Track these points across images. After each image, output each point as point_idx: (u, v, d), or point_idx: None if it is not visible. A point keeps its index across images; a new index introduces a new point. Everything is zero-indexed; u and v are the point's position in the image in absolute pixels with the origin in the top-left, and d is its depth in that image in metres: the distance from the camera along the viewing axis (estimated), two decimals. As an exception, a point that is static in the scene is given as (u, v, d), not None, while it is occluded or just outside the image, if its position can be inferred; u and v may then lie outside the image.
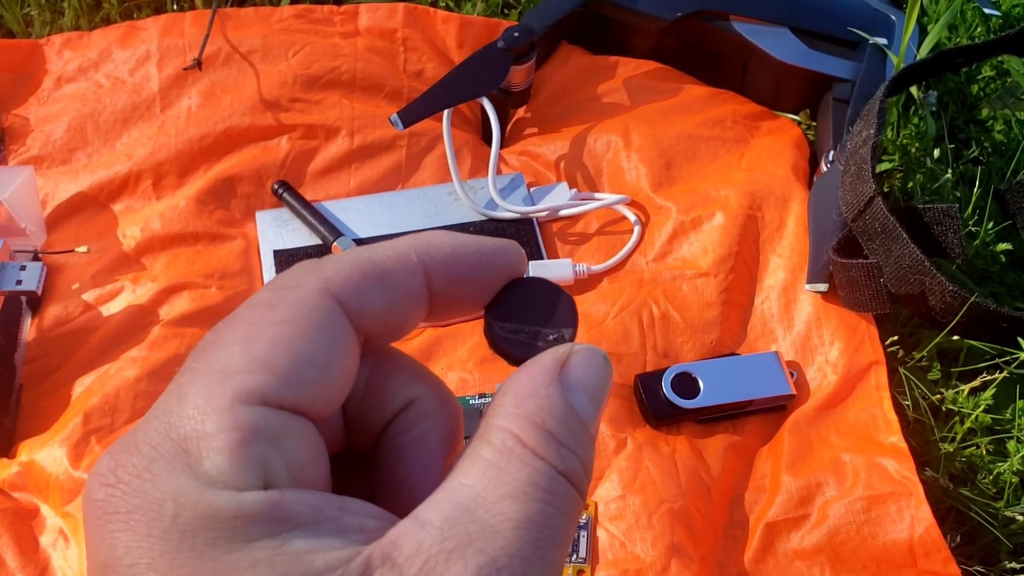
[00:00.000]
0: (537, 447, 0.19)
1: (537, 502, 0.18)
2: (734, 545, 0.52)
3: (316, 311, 0.19)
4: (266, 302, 0.19)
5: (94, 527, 0.17)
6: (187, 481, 0.17)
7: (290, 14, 0.72)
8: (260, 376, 0.18)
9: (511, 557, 0.17)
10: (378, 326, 0.20)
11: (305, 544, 0.17)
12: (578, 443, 0.19)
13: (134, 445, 0.18)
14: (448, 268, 0.21)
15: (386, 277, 0.20)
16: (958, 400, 0.57)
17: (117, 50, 0.69)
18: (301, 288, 0.19)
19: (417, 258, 0.21)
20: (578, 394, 0.20)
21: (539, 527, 0.18)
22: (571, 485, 0.19)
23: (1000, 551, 0.53)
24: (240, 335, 0.18)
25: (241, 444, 0.17)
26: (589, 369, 0.21)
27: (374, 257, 0.20)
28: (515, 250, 0.22)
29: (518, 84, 0.67)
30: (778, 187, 0.64)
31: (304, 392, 0.18)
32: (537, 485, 0.18)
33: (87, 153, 0.66)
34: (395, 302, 0.20)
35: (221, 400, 0.17)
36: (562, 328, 0.22)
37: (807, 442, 0.55)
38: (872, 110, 0.59)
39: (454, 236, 0.22)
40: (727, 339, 0.59)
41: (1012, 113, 0.71)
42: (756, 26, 0.69)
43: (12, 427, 0.55)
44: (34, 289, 0.57)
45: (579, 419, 0.20)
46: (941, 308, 0.54)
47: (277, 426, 0.18)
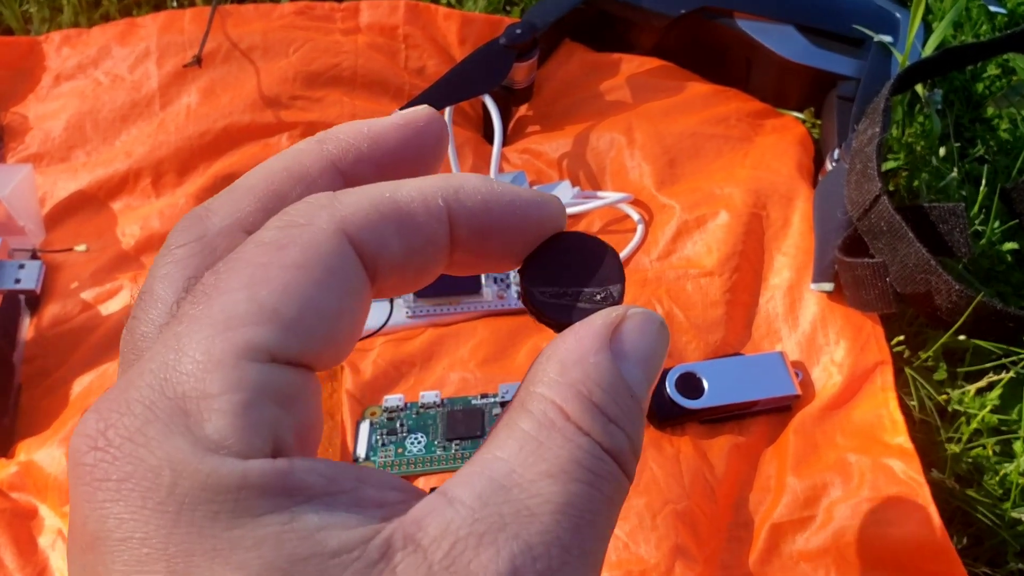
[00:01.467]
0: (582, 421, 0.17)
1: (579, 483, 0.16)
2: (739, 546, 0.52)
3: (330, 255, 0.17)
4: (274, 242, 0.17)
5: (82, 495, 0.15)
6: (186, 446, 0.15)
7: (291, 11, 0.72)
8: (268, 328, 0.16)
9: (549, 545, 0.16)
10: (394, 274, 0.18)
11: (317, 520, 0.15)
12: (627, 419, 0.18)
13: (125, 403, 0.16)
14: (477, 217, 0.19)
15: (407, 221, 0.18)
16: (964, 400, 0.56)
17: (116, 47, 0.69)
18: (313, 227, 0.17)
19: (444, 202, 0.18)
20: (630, 364, 0.18)
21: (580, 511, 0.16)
22: (617, 466, 0.17)
23: (1007, 552, 0.53)
24: (246, 279, 0.16)
25: (248, 406, 0.15)
26: (644, 336, 0.18)
27: (396, 197, 0.18)
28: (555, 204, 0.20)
29: (520, 81, 0.67)
30: (783, 185, 0.64)
31: (314, 345, 0.16)
32: (580, 464, 0.17)
33: (86, 151, 0.66)
34: (415, 249, 0.18)
35: (225, 355, 0.15)
36: (609, 286, 0.20)
37: (812, 443, 0.54)
38: (877, 108, 0.58)
39: (488, 182, 0.19)
40: (732, 339, 0.58)
41: (1018, 111, 0.71)
42: (760, 23, 0.68)
43: (11, 427, 0.54)
44: (33, 288, 0.57)
45: (630, 392, 0.18)
46: (947, 308, 0.54)
47: (286, 384, 0.16)
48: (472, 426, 0.53)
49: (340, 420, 0.53)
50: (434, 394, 0.54)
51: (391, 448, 0.52)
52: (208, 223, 0.19)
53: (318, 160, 0.20)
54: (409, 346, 0.57)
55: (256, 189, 0.19)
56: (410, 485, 0.17)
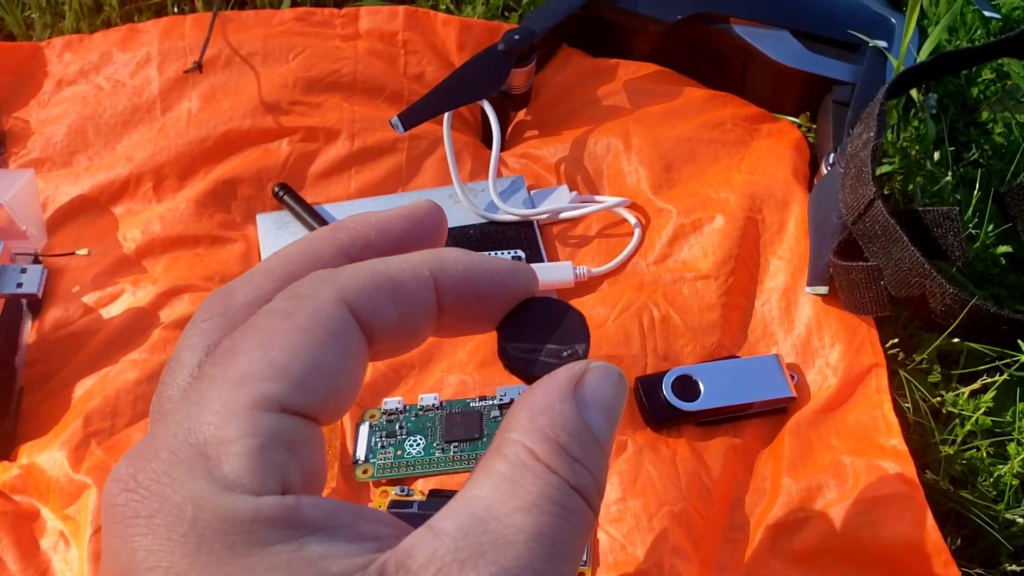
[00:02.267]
0: (551, 461, 0.19)
1: (550, 515, 0.18)
2: (734, 548, 0.52)
3: (332, 320, 0.19)
4: (283, 311, 0.19)
5: (114, 531, 0.17)
6: (206, 485, 0.17)
7: (291, 17, 0.72)
8: (278, 383, 0.18)
9: (523, 569, 0.18)
10: (389, 337, 0.20)
11: (321, 549, 0.17)
12: (591, 459, 0.20)
13: (153, 450, 0.18)
14: (459, 285, 0.21)
15: (399, 290, 0.20)
16: (958, 402, 0.57)
17: (118, 53, 0.69)
18: (317, 297, 0.19)
19: (430, 273, 0.21)
20: (592, 411, 0.20)
21: (551, 540, 0.18)
22: (583, 501, 0.19)
23: (1000, 554, 0.53)
24: (258, 342, 0.18)
25: (260, 450, 0.17)
26: (604, 386, 0.21)
27: (389, 270, 0.20)
28: (527, 272, 0.23)
29: (518, 87, 0.67)
30: (778, 190, 0.64)
31: (318, 399, 0.19)
32: (550, 499, 0.19)
33: (88, 156, 0.66)
34: (407, 315, 0.21)
35: (240, 406, 0.18)
36: (575, 344, 0.23)
37: (808, 445, 0.55)
38: (872, 113, 0.59)
39: (467, 254, 0.22)
40: (727, 342, 0.59)
41: (1012, 116, 0.71)
42: (756, 28, 0.69)
43: (12, 430, 0.55)
44: (34, 292, 0.57)
45: (592, 435, 0.20)
46: (941, 311, 0.54)
47: (294, 432, 0.18)
48: (471, 428, 0.53)
49: (339, 423, 0.54)
50: (433, 397, 0.55)
51: (390, 450, 0.53)
52: (231, 300, 0.21)
53: (330, 246, 0.22)
54: (408, 349, 0.57)
55: (274, 272, 0.22)
56: (401, 522, 0.19)
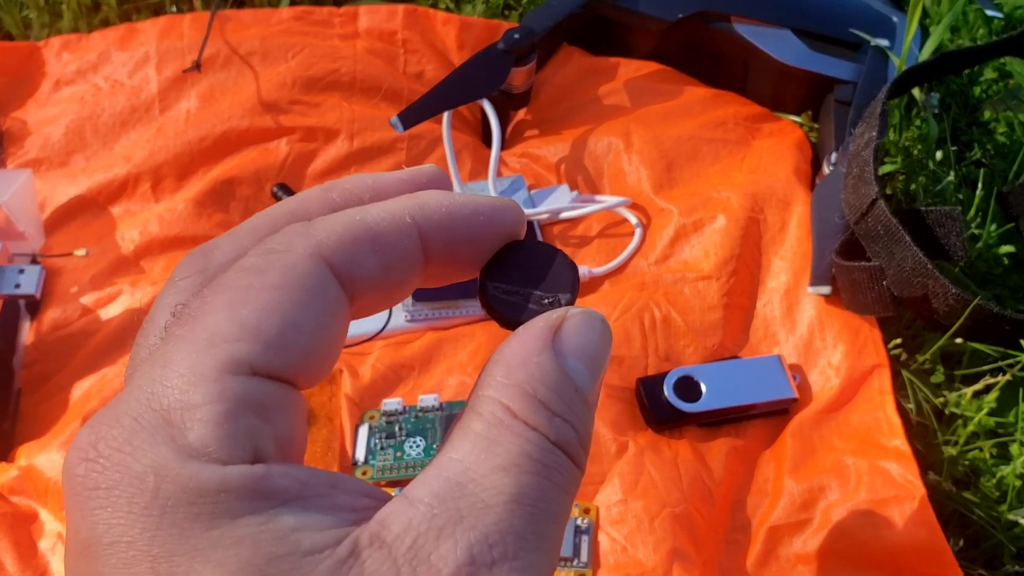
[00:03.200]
0: (529, 417, 0.18)
1: (530, 474, 0.17)
2: (736, 549, 0.52)
3: (307, 276, 0.18)
4: (254, 267, 0.18)
5: (74, 504, 0.16)
6: (169, 454, 0.16)
7: (289, 16, 0.72)
8: (249, 344, 0.17)
9: (504, 533, 0.17)
10: (371, 290, 0.19)
11: (293, 521, 0.16)
12: (573, 412, 0.19)
13: (114, 417, 0.17)
14: (444, 229, 0.20)
15: (379, 239, 0.19)
16: (961, 403, 0.56)
17: (116, 52, 0.69)
18: (291, 252, 0.18)
19: (411, 219, 0.20)
20: (573, 360, 0.19)
21: (533, 500, 0.17)
22: (566, 456, 0.18)
23: (1003, 554, 0.53)
24: (227, 300, 0.17)
25: (228, 416, 0.16)
26: (585, 333, 0.20)
27: (366, 219, 0.19)
28: (513, 209, 0.21)
29: (519, 86, 0.67)
30: (780, 189, 0.64)
31: (293, 360, 0.17)
32: (530, 456, 0.18)
33: (85, 156, 0.66)
34: (389, 265, 0.19)
35: (207, 369, 0.16)
36: (558, 292, 0.21)
37: (810, 446, 0.54)
38: (874, 112, 0.58)
39: (449, 196, 0.21)
40: (729, 342, 0.59)
41: (1015, 115, 0.71)
42: (757, 27, 0.69)
43: (11, 431, 0.54)
44: (32, 292, 0.57)
45: (574, 386, 0.19)
46: (944, 311, 0.54)
47: (266, 397, 0.17)
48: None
49: (339, 424, 0.54)
50: (433, 398, 0.54)
51: (390, 452, 0.53)
52: (211, 257, 0.20)
53: (321, 206, 0.21)
54: (408, 350, 0.57)
55: (259, 229, 0.20)
56: (382, 492, 0.18)
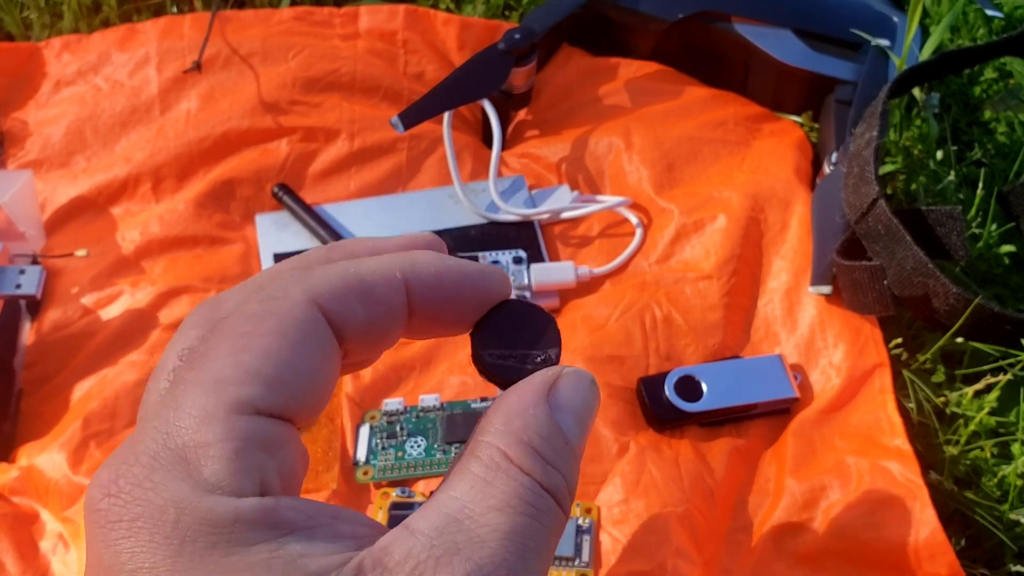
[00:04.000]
0: (523, 463, 0.20)
1: (522, 515, 0.19)
2: (738, 549, 0.52)
3: (302, 322, 0.20)
4: (255, 314, 0.20)
5: (96, 535, 0.18)
6: (187, 488, 0.17)
7: (290, 16, 0.72)
8: (252, 386, 0.18)
9: (497, 566, 0.18)
10: (359, 338, 0.21)
11: (300, 548, 0.17)
12: (563, 462, 0.20)
13: (133, 455, 0.18)
14: (431, 288, 0.22)
15: (369, 291, 0.21)
16: (962, 403, 0.56)
17: (116, 53, 0.69)
18: (288, 299, 0.20)
19: (401, 275, 0.21)
20: (565, 414, 0.21)
21: (523, 538, 0.19)
22: (555, 501, 0.20)
23: (1005, 554, 0.53)
24: (231, 346, 0.19)
25: (238, 452, 0.18)
26: (576, 391, 0.21)
27: (360, 271, 0.21)
28: (498, 277, 0.23)
29: (519, 86, 0.67)
30: (781, 189, 0.64)
31: (292, 400, 0.19)
32: (523, 499, 0.19)
33: (86, 156, 0.66)
34: (377, 316, 0.21)
35: (216, 410, 0.18)
36: (548, 349, 0.23)
37: (811, 445, 0.54)
38: (875, 112, 0.58)
39: (440, 258, 0.22)
40: (730, 342, 0.59)
41: (1015, 115, 0.71)
42: (758, 27, 0.69)
43: (11, 432, 0.54)
44: (33, 293, 0.57)
45: (564, 438, 0.21)
46: (945, 310, 0.54)
47: (270, 434, 0.19)
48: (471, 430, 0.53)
49: (340, 424, 0.54)
50: (434, 398, 0.54)
51: (391, 452, 0.53)
52: (218, 308, 0.21)
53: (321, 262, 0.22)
54: (409, 350, 0.57)
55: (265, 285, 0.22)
56: (378, 523, 0.20)
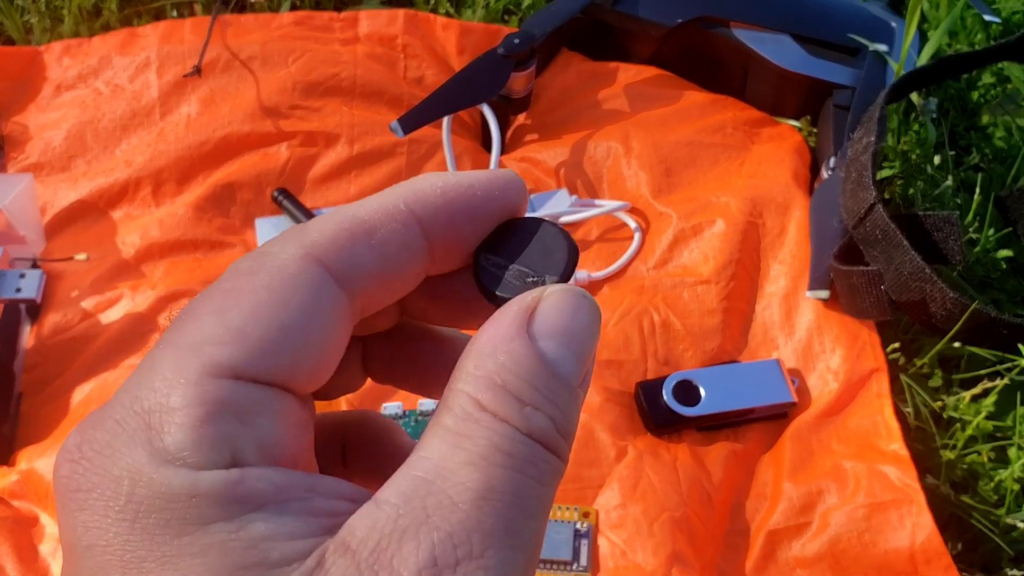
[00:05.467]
0: (498, 409, 0.17)
1: (500, 467, 0.16)
2: (735, 553, 0.52)
3: (297, 276, 0.17)
4: (246, 270, 0.18)
5: (59, 505, 0.16)
6: (144, 457, 0.16)
7: (290, 21, 0.72)
8: (233, 347, 0.16)
9: (470, 532, 0.16)
10: (376, 286, 0.19)
11: (264, 528, 0.15)
12: (548, 399, 0.17)
13: (100, 419, 0.16)
14: (441, 211, 0.19)
15: (374, 232, 0.18)
16: (959, 407, 0.56)
17: (117, 57, 0.69)
18: (283, 254, 0.18)
19: (406, 206, 0.19)
20: (550, 343, 0.18)
21: (502, 495, 0.16)
22: (541, 447, 0.17)
23: (1001, 559, 0.53)
24: (216, 304, 0.17)
25: (206, 420, 0.16)
26: (564, 312, 0.18)
27: (360, 214, 0.19)
28: (511, 180, 0.20)
29: (518, 91, 0.67)
30: (779, 194, 0.64)
31: (283, 364, 0.17)
32: (499, 449, 0.17)
33: (86, 160, 0.66)
34: (389, 257, 0.19)
35: (189, 372, 0.16)
36: (546, 272, 0.19)
37: (808, 449, 0.54)
38: (873, 117, 0.59)
39: (443, 176, 0.20)
40: (728, 346, 0.59)
41: (1013, 119, 0.71)
42: (756, 32, 0.69)
43: (11, 435, 0.54)
44: (33, 297, 0.57)
45: (550, 371, 0.18)
46: (942, 315, 0.54)
47: (250, 401, 0.16)
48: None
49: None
50: (433, 402, 0.54)
51: (390, 456, 0.53)
52: None
53: None
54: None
55: None
56: (364, 492, 0.17)
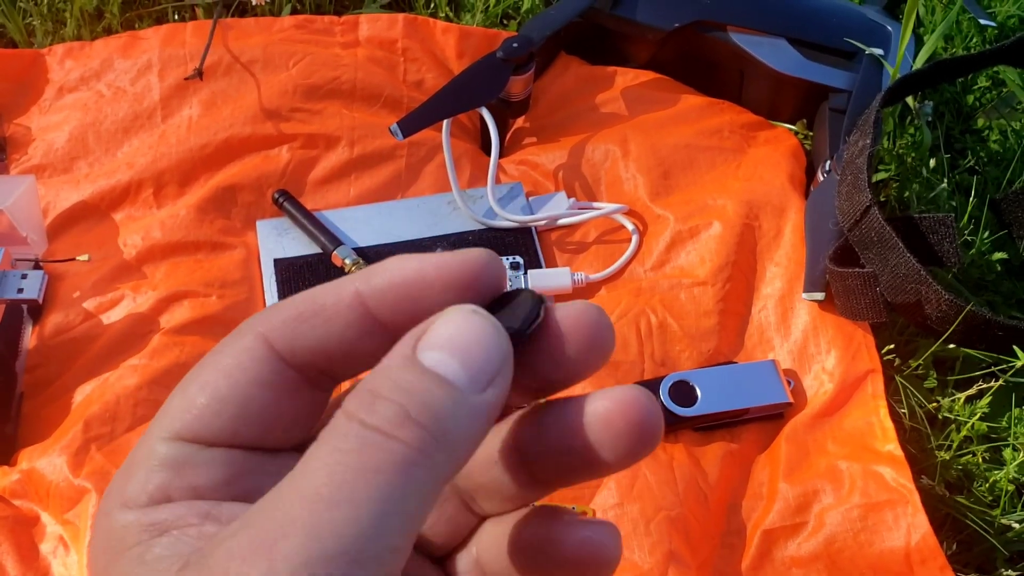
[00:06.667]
0: (349, 406, 0.17)
1: (321, 460, 0.16)
2: (731, 553, 0.52)
3: (244, 354, 0.20)
4: (217, 350, 0.21)
5: None
6: (116, 504, 0.20)
7: (291, 24, 0.73)
8: (179, 417, 0.20)
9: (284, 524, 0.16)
10: (320, 358, 0.21)
11: (158, 551, 0.18)
12: (403, 391, 0.17)
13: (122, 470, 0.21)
14: (386, 292, 0.20)
15: (319, 313, 0.20)
16: (954, 408, 0.57)
17: (119, 60, 0.70)
18: (242, 336, 0.21)
19: (355, 288, 0.20)
20: (431, 352, 0.17)
21: (316, 486, 0.16)
22: (383, 436, 0.16)
23: (996, 559, 0.53)
24: (187, 379, 0.21)
25: (149, 471, 0.20)
26: (449, 325, 0.18)
27: (314, 295, 0.21)
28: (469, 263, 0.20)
29: (517, 94, 0.68)
30: (775, 196, 0.64)
31: (220, 426, 0.20)
32: (334, 448, 0.16)
33: (88, 162, 0.67)
34: (331, 335, 0.20)
35: (150, 437, 0.20)
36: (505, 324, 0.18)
37: (804, 450, 0.55)
38: (868, 120, 0.59)
39: (402, 259, 0.20)
40: (724, 348, 0.59)
41: (1007, 123, 0.72)
42: (753, 37, 0.69)
43: (13, 435, 0.55)
44: (35, 297, 0.57)
45: (420, 369, 0.17)
46: (937, 317, 0.55)
47: (183, 457, 0.20)
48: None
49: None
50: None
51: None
52: None
53: None
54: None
55: None
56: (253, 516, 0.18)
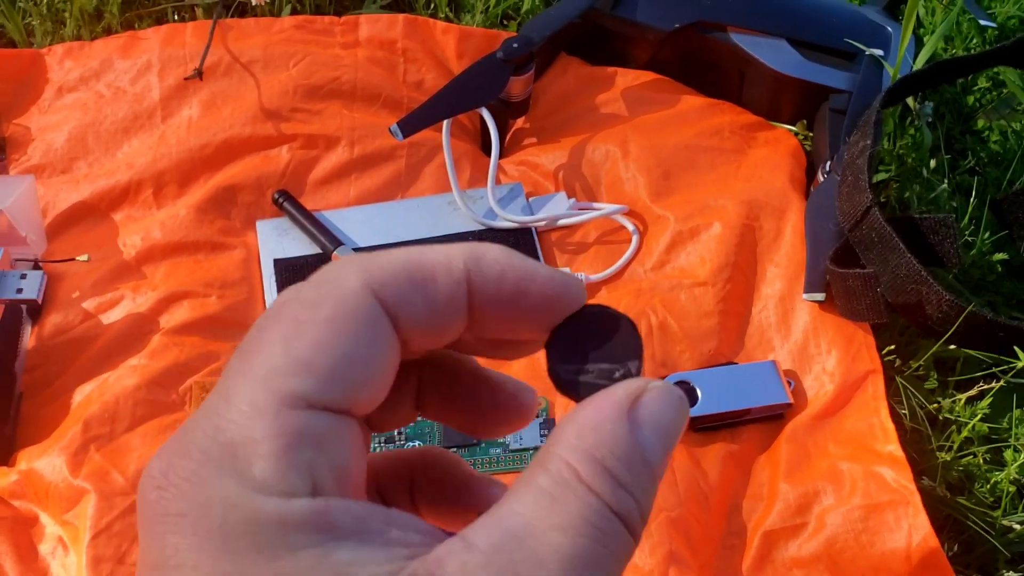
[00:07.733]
0: (594, 483, 0.18)
1: (586, 538, 0.18)
2: (732, 553, 0.52)
3: (358, 309, 0.19)
4: (310, 300, 0.19)
5: (146, 528, 0.18)
6: (235, 487, 0.17)
7: (291, 25, 0.72)
8: (303, 378, 0.18)
9: None
10: (416, 329, 0.20)
11: (348, 556, 0.17)
12: (638, 484, 0.19)
13: (184, 448, 0.18)
14: (492, 285, 0.20)
15: (429, 280, 0.20)
16: (955, 409, 0.57)
17: (118, 60, 0.70)
18: (344, 285, 0.19)
19: (464, 266, 0.20)
20: (647, 432, 0.19)
21: (585, 563, 0.18)
22: (624, 527, 0.19)
23: (998, 560, 0.53)
24: (282, 334, 0.18)
25: (287, 449, 0.17)
26: (663, 408, 0.20)
27: (423, 258, 0.20)
28: (573, 284, 0.21)
29: (517, 95, 0.68)
30: (775, 197, 0.64)
31: (347, 392, 0.18)
32: (588, 521, 0.18)
33: (88, 162, 0.67)
34: (435, 309, 0.20)
35: (267, 404, 0.18)
36: (627, 362, 0.21)
37: (805, 451, 0.55)
38: (868, 121, 0.59)
39: (510, 255, 0.21)
40: (725, 348, 0.59)
41: (1008, 124, 0.72)
42: (753, 37, 0.69)
43: (12, 435, 0.55)
44: (34, 298, 0.57)
45: (643, 458, 0.19)
46: (938, 317, 0.54)
47: (322, 429, 0.18)
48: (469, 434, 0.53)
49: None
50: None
51: (388, 456, 0.53)
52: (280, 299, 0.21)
53: None
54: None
55: None
56: (434, 528, 0.19)
